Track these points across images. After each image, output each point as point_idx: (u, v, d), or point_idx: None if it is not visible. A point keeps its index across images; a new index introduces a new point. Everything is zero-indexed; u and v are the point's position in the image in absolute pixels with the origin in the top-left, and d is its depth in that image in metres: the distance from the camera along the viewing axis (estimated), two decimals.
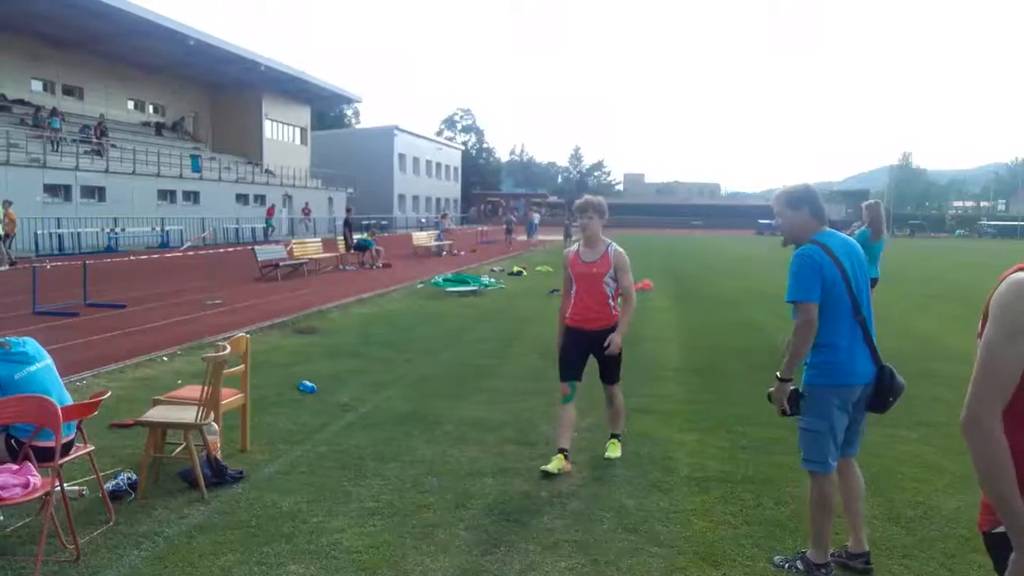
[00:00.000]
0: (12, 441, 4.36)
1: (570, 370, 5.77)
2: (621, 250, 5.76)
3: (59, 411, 4.19)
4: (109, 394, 4.92)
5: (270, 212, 45.10)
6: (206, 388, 5.24)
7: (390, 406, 7.61)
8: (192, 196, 41.38)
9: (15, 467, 4.06)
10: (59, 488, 4.22)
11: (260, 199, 47.49)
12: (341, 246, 25.88)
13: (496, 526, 4.72)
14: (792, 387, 3.98)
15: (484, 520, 4.80)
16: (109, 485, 5.06)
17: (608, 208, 5.83)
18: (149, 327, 12.29)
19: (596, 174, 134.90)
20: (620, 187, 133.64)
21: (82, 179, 33.69)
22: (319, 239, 29.22)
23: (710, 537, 4.60)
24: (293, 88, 54.01)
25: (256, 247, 22.31)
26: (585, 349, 5.80)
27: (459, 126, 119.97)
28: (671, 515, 4.91)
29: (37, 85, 40.19)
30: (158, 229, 35.55)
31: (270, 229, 43.96)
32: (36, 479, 4.02)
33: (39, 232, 28.96)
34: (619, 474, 5.65)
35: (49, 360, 4.72)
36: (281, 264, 20.98)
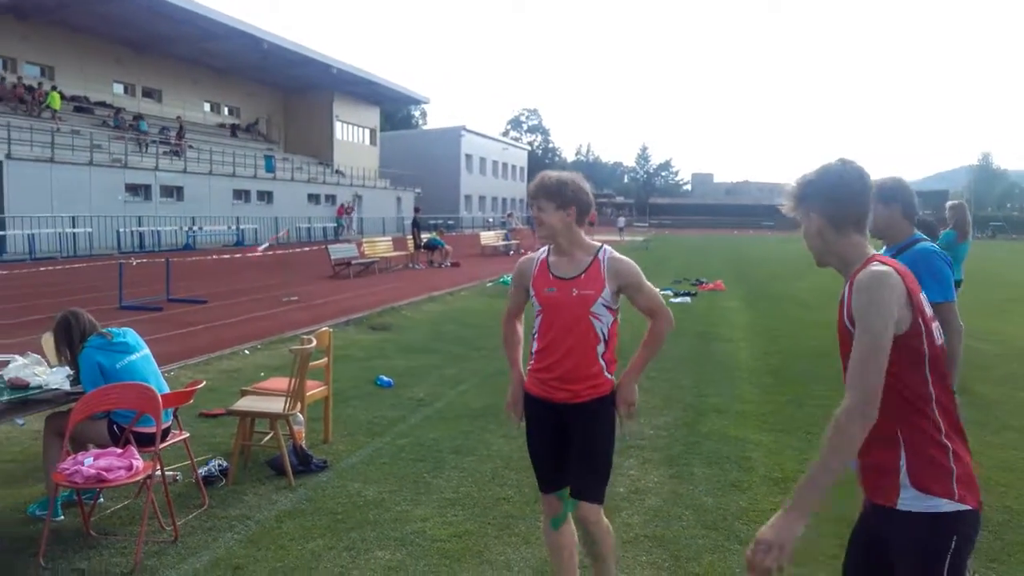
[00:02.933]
0: (114, 426, 4.58)
1: (550, 480, 3.57)
2: (622, 257, 3.46)
3: (159, 398, 4.39)
4: (204, 383, 5.12)
5: (340, 211, 45.92)
6: (293, 380, 5.41)
7: (465, 401, 7.72)
8: (266, 196, 42.41)
9: (119, 451, 4.27)
10: (159, 472, 4.41)
11: (331, 199, 48.39)
12: (410, 245, 26.19)
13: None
14: None
15: None
16: (201, 471, 5.26)
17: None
18: (230, 322, 12.66)
19: (663, 174, 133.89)
20: (688, 187, 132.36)
21: (161, 179, 34.82)
22: (388, 238, 29.61)
23: None
24: (363, 90, 54.87)
25: (329, 246, 22.75)
26: (559, 435, 3.48)
27: (525, 126, 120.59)
28: (750, 514, 4.90)
29: (119, 88, 41.69)
30: (233, 228, 36.51)
31: (340, 228, 44.79)
32: (139, 463, 4.21)
33: (121, 230, 30.05)
34: (697, 473, 5.64)
35: (147, 350, 4.93)
36: (353, 262, 21.40)
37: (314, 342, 5.66)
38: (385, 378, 8.48)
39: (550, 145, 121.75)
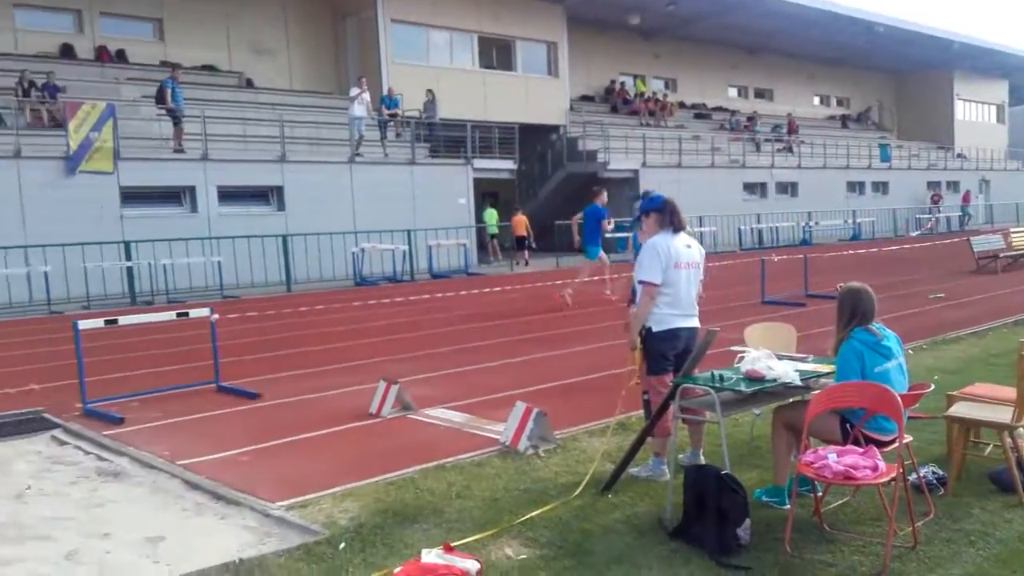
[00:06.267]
0: (847, 425, 4.62)
1: None
2: None
3: (899, 401, 4.30)
4: (932, 387, 4.89)
5: (966, 199, 41.99)
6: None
7: None
8: (880, 187, 40.80)
9: (860, 450, 4.28)
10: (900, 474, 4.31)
11: (952, 186, 44.52)
12: None
13: None
14: None
15: None
16: (913, 476, 5.05)
17: None
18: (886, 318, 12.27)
19: None
20: None
21: (776, 176, 35.81)
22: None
23: None
24: (987, 63, 49.22)
25: (971, 238, 20.59)
26: None
27: None
28: None
29: (732, 92, 44.00)
30: (849, 222, 35.66)
31: (966, 218, 40.96)
32: (882, 464, 4.17)
33: (741, 228, 31.59)
34: None
35: (902, 359, 4.81)
36: (1001, 256, 19.19)
37: None
38: None
39: None
